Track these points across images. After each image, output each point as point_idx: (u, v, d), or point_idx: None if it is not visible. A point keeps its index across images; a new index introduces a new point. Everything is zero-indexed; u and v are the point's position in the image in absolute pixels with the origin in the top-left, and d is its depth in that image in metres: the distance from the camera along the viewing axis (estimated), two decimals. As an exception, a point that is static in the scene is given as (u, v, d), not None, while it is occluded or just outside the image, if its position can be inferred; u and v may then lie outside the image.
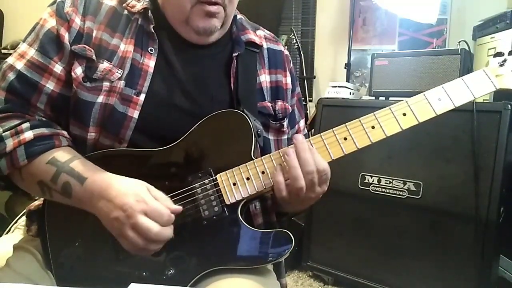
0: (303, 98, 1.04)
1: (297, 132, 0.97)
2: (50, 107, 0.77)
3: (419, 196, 1.73)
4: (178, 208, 0.70)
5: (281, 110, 0.89)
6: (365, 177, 1.88)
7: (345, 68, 2.62)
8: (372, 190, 1.86)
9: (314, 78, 3.02)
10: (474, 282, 1.60)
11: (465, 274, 1.62)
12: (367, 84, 2.74)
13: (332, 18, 2.97)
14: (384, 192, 1.83)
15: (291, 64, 0.97)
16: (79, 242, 0.75)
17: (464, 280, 1.62)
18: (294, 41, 2.83)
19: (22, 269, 0.76)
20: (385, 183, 1.83)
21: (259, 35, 0.92)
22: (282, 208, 0.84)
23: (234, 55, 0.85)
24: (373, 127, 0.74)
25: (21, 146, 0.71)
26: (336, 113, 2.01)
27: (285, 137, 0.91)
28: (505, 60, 0.75)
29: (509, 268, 1.73)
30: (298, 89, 0.98)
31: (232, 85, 0.84)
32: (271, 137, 0.88)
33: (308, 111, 2.73)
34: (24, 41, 0.79)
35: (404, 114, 0.74)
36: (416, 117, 0.74)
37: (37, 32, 0.78)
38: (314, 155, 0.71)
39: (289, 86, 0.93)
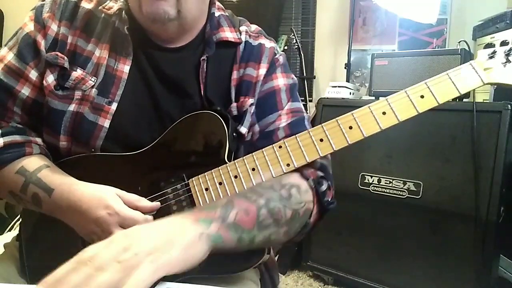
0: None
1: (279, 117, 0.79)
2: (26, 112, 0.76)
3: (419, 196, 1.73)
4: (155, 205, 0.69)
5: (240, 109, 0.79)
6: (365, 177, 1.88)
7: (345, 68, 2.61)
8: (372, 190, 1.86)
9: (314, 78, 3.02)
10: (474, 282, 1.60)
11: (465, 274, 1.62)
12: (367, 84, 2.73)
13: (332, 18, 2.96)
14: (384, 192, 1.83)
15: (277, 56, 0.84)
16: (53, 247, 0.74)
17: (464, 280, 1.62)
18: (294, 41, 2.82)
19: (2, 271, 0.77)
20: (385, 183, 1.83)
21: (239, 31, 0.84)
22: None
23: (202, 58, 0.78)
24: (350, 128, 0.69)
25: None
26: (336, 113, 1.97)
27: (250, 139, 0.80)
28: (494, 52, 0.67)
29: (509, 268, 1.73)
30: (285, 81, 0.83)
31: (202, 92, 0.79)
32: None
33: (308, 111, 2.73)
34: (6, 44, 0.78)
35: (384, 113, 0.68)
36: (396, 116, 0.68)
37: (18, 36, 0.76)
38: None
39: (261, 77, 0.81)
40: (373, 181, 1.86)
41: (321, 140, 0.69)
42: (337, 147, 0.69)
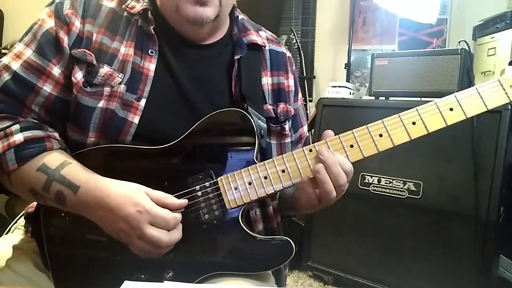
0: (303, 98, 1.02)
1: (300, 137, 0.94)
2: (45, 110, 0.74)
3: (419, 196, 1.74)
4: (183, 202, 0.69)
5: (283, 113, 0.87)
6: (365, 177, 1.88)
7: (345, 68, 2.61)
8: (372, 190, 1.87)
9: (314, 78, 3.02)
10: (474, 282, 1.60)
11: (465, 274, 1.62)
12: (367, 84, 2.73)
13: (332, 18, 2.97)
14: (384, 192, 1.83)
15: (294, 66, 0.95)
16: (76, 242, 0.75)
17: (464, 280, 1.62)
18: (294, 41, 2.83)
19: (22, 270, 0.76)
20: (385, 183, 1.83)
21: (261, 36, 0.90)
22: (296, 212, 0.86)
23: (236, 57, 0.82)
24: (380, 135, 0.71)
25: (10, 149, 0.69)
26: (336, 113, 2.01)
27: (288, 140, 0.88)
28: None
29: (509, 268, 1.73)
30: (300, 94, 0.96)
31: (233, 89, 0.81)
32: (273, 141, 0.86)
33: (308, 111, 2.73)
34: (20, 41, 0.76)
35: (414, 123, 0.70)
36: (426, 127, 0.70)
37: (35, 32, 0.75)
38: (339, 161, 0.71)
39: (292, 88, 0.91)
40: (373, 181, 1.86)
41: (351, 146, 0.71)
42: (367, 155, 0.71)
